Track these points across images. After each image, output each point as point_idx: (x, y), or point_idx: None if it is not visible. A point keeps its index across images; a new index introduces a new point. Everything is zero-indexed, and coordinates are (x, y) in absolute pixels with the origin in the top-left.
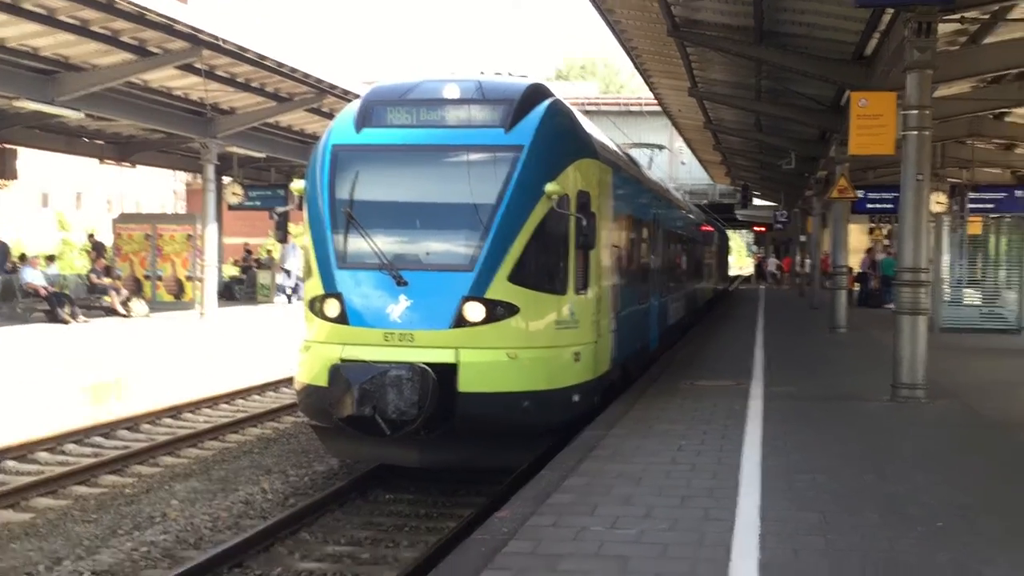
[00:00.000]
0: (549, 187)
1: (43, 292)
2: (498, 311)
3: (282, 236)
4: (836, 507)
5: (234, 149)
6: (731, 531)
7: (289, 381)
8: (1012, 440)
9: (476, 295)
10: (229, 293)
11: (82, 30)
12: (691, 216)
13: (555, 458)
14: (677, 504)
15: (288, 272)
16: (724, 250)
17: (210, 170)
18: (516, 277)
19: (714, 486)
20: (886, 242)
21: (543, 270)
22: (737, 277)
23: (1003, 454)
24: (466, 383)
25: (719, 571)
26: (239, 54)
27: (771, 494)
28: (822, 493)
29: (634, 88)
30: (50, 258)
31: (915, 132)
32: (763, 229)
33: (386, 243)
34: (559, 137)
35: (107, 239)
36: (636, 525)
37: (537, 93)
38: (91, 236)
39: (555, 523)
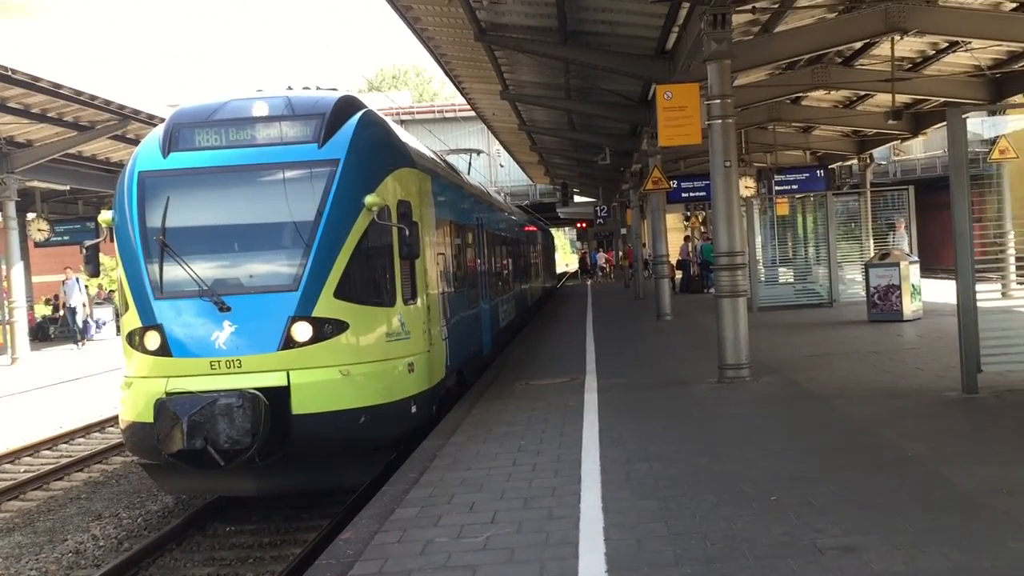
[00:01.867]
0: (368, 199)
1: None
2: (327, 329)
3: (93, 270)
4: (674, 492)
5: (36, 183)
6: (576, 528)
7: (115, 420)
8: (833, 410)
9: (303, 314)
10: (43, 334)
11: None
12: (514, 218)
13: (396, 472)
14: (520, 506)
15: (73, 311)
16: (550, 249)
17: (11, 207)
18: (342, 293)
19: (556, 484)
20: (703, 229)
21: (369, 283)
22: (564, 274)
23: (826, 424)
24: (300, 404)
25: (567, 569)
26: (32, 84)
27: (611, 486)
28: (660, 479)
29: (447, 95)
30: None
31: (719, 120)
32: (585, 225)
33: (205, 269)
34: (374, 148)
35: None
36: (482, 532)
37: (348, 106)
38: None
39: (400, 539)
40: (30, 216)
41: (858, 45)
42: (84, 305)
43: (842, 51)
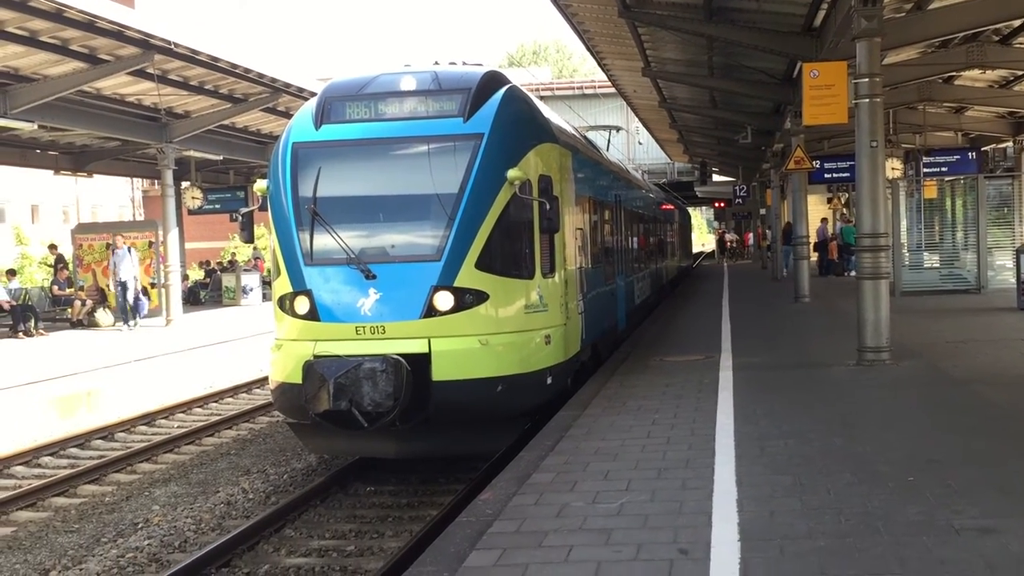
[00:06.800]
0: (511, 173)
1: (6, 307)
2: (467, 299)
3: (247, 237)
4: (809, 469)
5: (191, 153)
6: (709, 498)
7: (261, 382)
8: (976, 395)
9: (445, 284)
10: (195, 298)
11: (31, 40)
12: (651, 195)
13: (532, 439)
14: (655, 476)
15: (123, 284)
16: (686, 227)
17: (168, 175)
18: (483, 264)
19: (690, 457)
20: (844, 211)
21: (509, 256)
22: (700, 254)
23: (967, 409)
24: (440, 371)
25: (700, 537)
26: (191, 57)
27: (745, 461)
28: (794, 457)
29: (588, 71)
30: (11, 272)
31: (867, 100)
32: (723, 204)
33: (352, 238)
34: (517, 123)
35: (66, 250)
36: (616, 499)
37: (493, 81)
38: (53, 247)
39: (537, 501)
40: (185, 184)
41: (1017, 23)
42: (135, 279)
43: (1000, 29)
